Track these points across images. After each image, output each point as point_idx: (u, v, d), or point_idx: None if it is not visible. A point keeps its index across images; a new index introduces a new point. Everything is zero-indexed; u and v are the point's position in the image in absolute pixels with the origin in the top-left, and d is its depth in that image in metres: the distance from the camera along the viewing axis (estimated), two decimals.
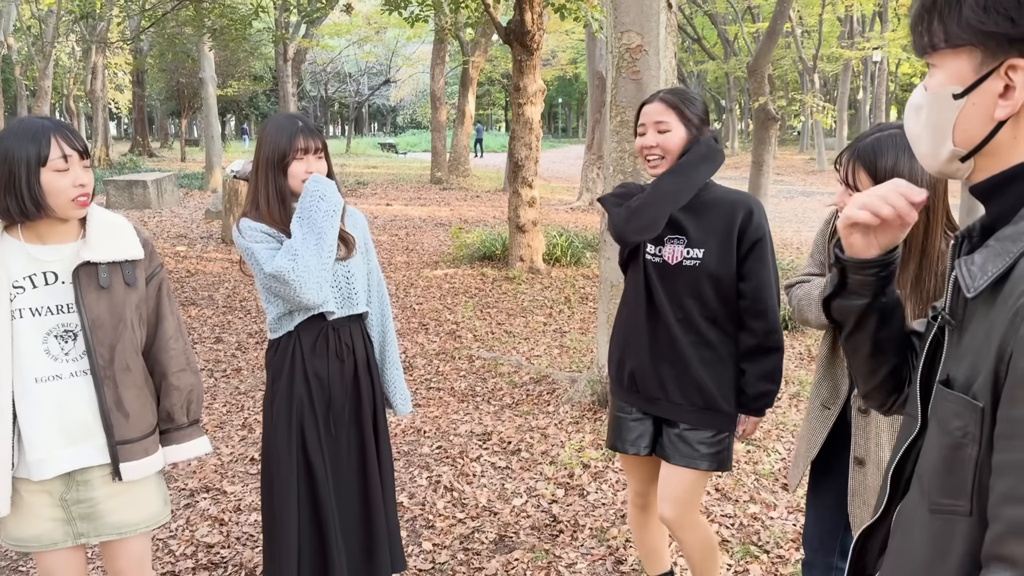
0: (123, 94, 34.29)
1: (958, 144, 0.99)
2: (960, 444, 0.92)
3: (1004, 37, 0.91)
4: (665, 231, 2.27)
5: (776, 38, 10.79)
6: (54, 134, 1.91)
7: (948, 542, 0.95)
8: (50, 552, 2.04)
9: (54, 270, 2.00)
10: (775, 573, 3.02)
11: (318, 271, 2.26)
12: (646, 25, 4.22)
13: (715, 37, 30.91)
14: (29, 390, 1.96)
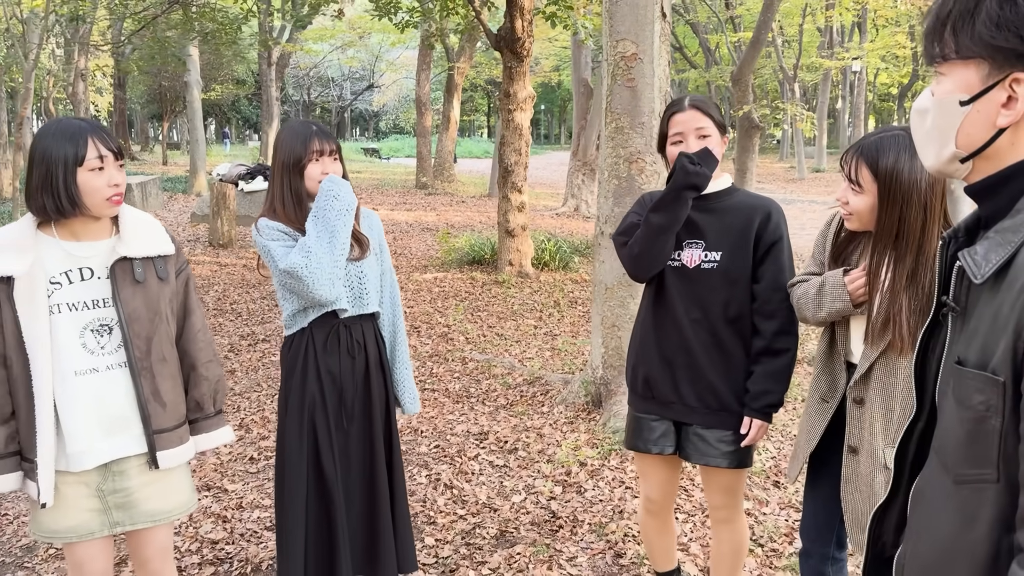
0: (103, 97, 34.02)
1: (960, 147, 1.08)
2: (984, 417, 1.01)
3: (1012, 52, 1.00)
4: (684, 236, 2.35)
5: (760, 47, 10.98)
6: (91, 135, 1.98)
7: (976, 509, 1.03)
8: (84, 543, 2.09)
9: (90, 266, 2.06)
10: (770, 565, 3.11)
11: (330, 268, 2.34)
12: (641, 34, 4.33)
13: (697, 46, 31.20)
14: (68, 383, 2.01)
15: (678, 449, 2.46)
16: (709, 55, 29.38)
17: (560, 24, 8.96)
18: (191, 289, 2.26)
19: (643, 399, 2.50)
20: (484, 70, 33.69)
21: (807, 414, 2.25)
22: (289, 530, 2.52)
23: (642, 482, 2.63)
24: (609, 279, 4.57)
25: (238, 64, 31.82)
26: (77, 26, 13.54)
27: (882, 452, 2.00)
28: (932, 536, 1.12)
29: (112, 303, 2.06)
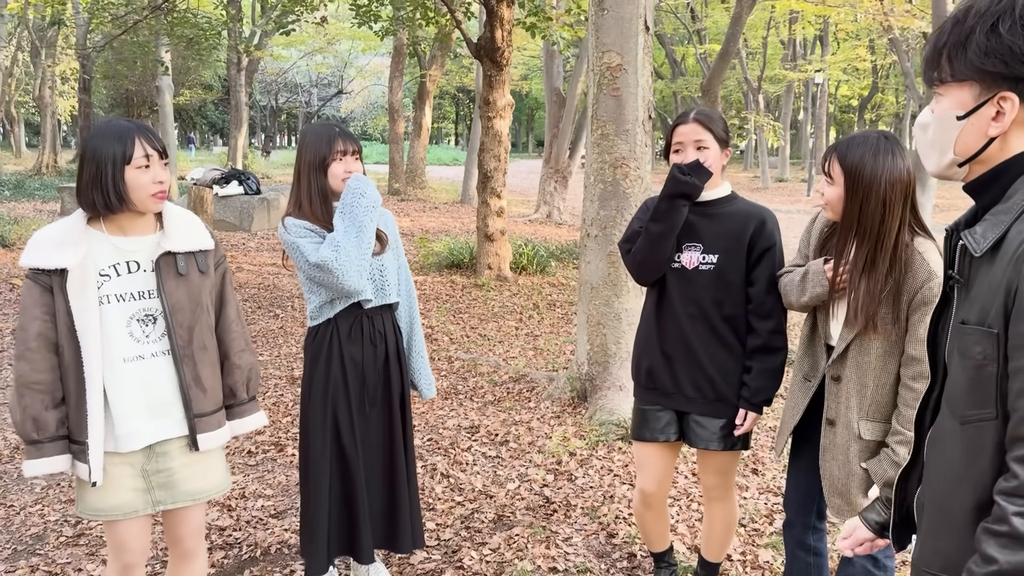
0: (67, 101, 33.60)
1: (958, 154, 1.30)
2: (982, 365, 1.22)
3: (999, 75, 1.21)
4: (683, 239, 2.56)
5: (729, 59, 11.33)
6: (138, 135, 2.11)
7: (980, 443, 1.23)
8: (126, 521, 2.22)
9: (137, 259, 2.19)
10: (752, 544, 3.33)
11: (359, 260, 2.51)
12: (625, 46, 4.56)
13: (663, 57, 31.74)
14: (117, 369, 2.15)
15: (681, 436, 2.66)
16: (675, 66, 29.93)
17: (540, 34, 9.19)
18: (227, 282, 2.39)
19: (646, 390, 2.69)
20: (455, 78, 33.88)
21: (791, 393, 2.46)
22: (313, 507, 2.68)
23: (640, 474, 2.77)
24: (595, 279, 4.78)
25: (205, 69, 31.66)
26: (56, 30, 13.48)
27: (856, 424, 2.23)
28: (944, 471, 1.31)
29: (157, 295, 2.20)
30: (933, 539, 1.34)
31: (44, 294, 2.12)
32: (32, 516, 3.60)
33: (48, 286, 2.12)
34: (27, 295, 2.13)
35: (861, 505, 2.24)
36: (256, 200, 13.37)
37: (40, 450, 2.13)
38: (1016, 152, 1.25)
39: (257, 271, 9.91)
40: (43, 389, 2.12)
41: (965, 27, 1.23)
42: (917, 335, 2.11)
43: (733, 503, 2.78)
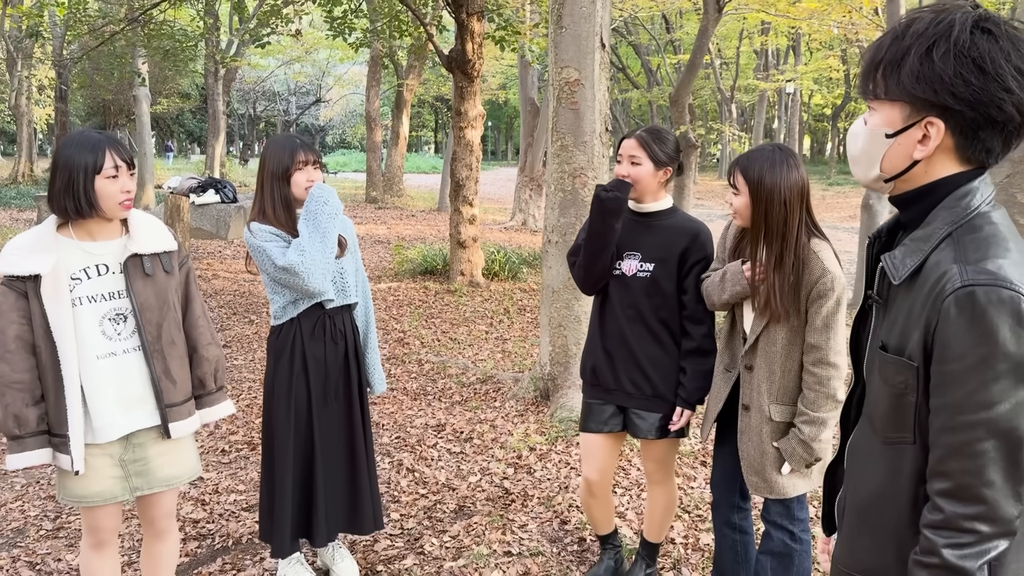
0: (43, 109, 33.45)
1: (883, 171, 1.32)
2: (903, 393, 1.27)
3: (927, 101, 1.22)
4: (625, 248, 2.78)
5: (696, 70, 11.61)
6: (108, 147, 2.26)
7: (900, 463, 1.30)
8: (103, 506, 2.40)
9: (105, 263, 2.34)
10: (695, 528, 3.57)
11: (323, 264, 2.73)
12: (583, 62, 4.81)
13: (639, 67, 32.15)
14: (91, 366, 2.30)
15: (625, 427, 2.88)
16: (651, 76, 30.33)
17: (509, 47, 9.43)
18: (191, 280, 2.55)
19: (591, 386, 2.93)
20: (432, 87, 34.09)
21: (715, 384, 2.70)
22: (278, 494, 2.88)
23: (584, 464, 2.99)
24: (556, 283, 5.01)
25: (183, 78, 31.68)
26: (33, 41, 13.56)
27: (767, 407, 2.47)
28: (867, 485, 1.38)
29: (126, 294, 2.35)
30: (853, 544, 1.42)
31: (20, 299, 2.25)
32: (13, 512, 3.76)
33: (23, 291, 2.25)
34: (3, 301, 2.26)
35: (775, 481, 2.48)
36: (233, 208, 13.50)
37: (22, 444, 2.28)
38: (940, 176, 1.27)
39: (233, 278, 10.06)
40: (23, 388, 2.26)
41: (902, 46, 1.24)
42: (815, 325, 2.36)
43: (672, 488, 3.01)
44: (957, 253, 1.21)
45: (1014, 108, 1.20)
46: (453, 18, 8.78)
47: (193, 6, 13.60)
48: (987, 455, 1.18)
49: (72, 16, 9.72)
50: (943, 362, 1.20)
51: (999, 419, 1.17)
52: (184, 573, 3.20)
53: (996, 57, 1.18)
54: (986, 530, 1.20)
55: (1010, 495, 1.19)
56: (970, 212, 1.25)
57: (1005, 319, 1.15)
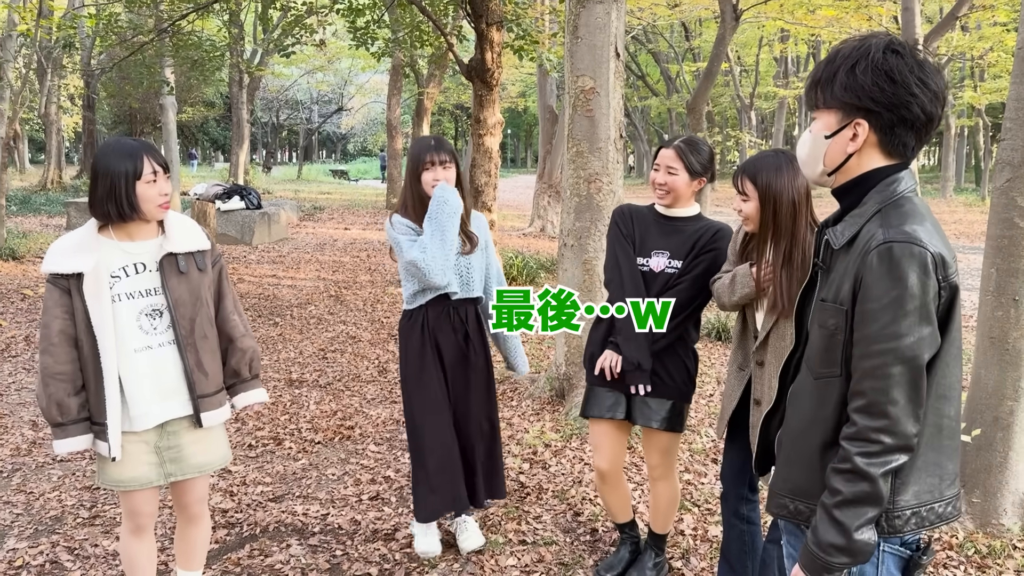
0: (71, 118, 34.08)
1: (826, 165, 1.64)
2: (834, 334, 1.56)
3: (854, 106, 1.55)
4: (654, 246, 2.94)
5: (713, 78, 11.73)
6: (145, 153, 2.41)
7: (828, 395, 1.58)
8: (140, 491, 2.56)
9: (143, 261, 2.49)
10: (705, 521, 3.68)
11: (442, 260, 3.00)
12: (598, 71, 4.95)
13: (658, 74, 32.24)
14: (129, 359, 2.46)
15: (628, 415, 3.00)
16: (670, 83, 30.40)
17: (527, 57, 9.60)
18: (224, 277, 2.70)
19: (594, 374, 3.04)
20: (452, 95, 34.37)
21: (728, 382, 2.82)
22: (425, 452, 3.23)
23: (595, 454, 3.13)
24: (571, 285, 5.14)
25: (208, 87, 32.17)
26: (64, 50, 13.92)
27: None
28: (798, 415, 1.67)
29: (161, 291, 2.49)
30: (786, 469, 1.70)
31: (63, 295, 2.41)
32: (51, 501, 3.94)
33: (66, 288, 2.41)
34: (48, 297, 2.42)
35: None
36: (257, 215, 13.76)
37: (65, 431, 2.44)
38: (870, 168, 1.59)
39: (258, 282, 10.28)
40: (65, 378, 2.42)
41: (834, 66, 1.57)
42: None
43: (675, 481, 3.13)
44: (883, 222, 1.53)
45: (919, 109, 1.52)
46: (473, 28, 8.96)
47: (219, 17, 13.92)
48: (893, 378, 1.47)
49: (103, 27, 10.00)
50: (864, 302, 1.49)
51: (905, 348, 1.46)
52: (214, 559, 3.37)
53: (903, 70, 1.51)
54: (889, 442, 1.47)
55: (911, 415, 1.48)
56: (896, 195, 1.56)
57: (914, 268, 1.45)
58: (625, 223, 3.02)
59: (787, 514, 1.68)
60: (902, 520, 1.55)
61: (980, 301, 3.49)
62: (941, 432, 1.55)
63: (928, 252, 1.46)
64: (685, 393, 2.99)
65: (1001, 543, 3.37)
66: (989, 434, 3.45)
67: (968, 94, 22.85)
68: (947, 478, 1.58)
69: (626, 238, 2.99)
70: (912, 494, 1.54)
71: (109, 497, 3.96)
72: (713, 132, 13.28)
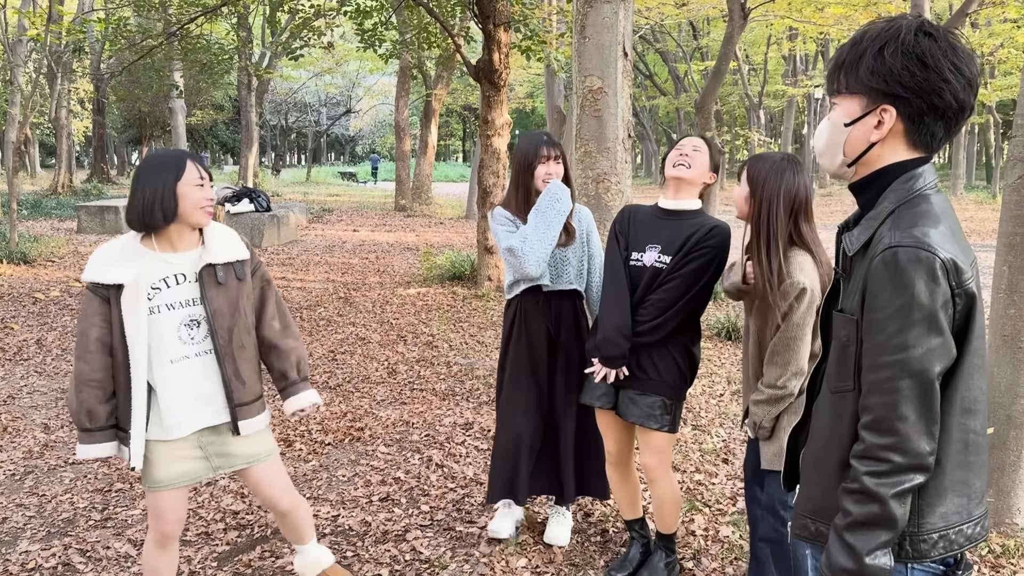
0: (81, 122, 34.30)
1: (846, 155, 1.53)
2: (847, 344, 1.47)
3: (880, 92, 1.44)
4: (647, 240, 2.94)
5: (721, 77, 11.70)
6: (189, 160, 2.47)
7: (843, 409, 1.50)
8: (173, 491, 2.54)
9: (183, 272, 2.50)
10: (716, 521, 3.67)
11: (540, 252, 3.07)
12: (606, 70, 4.94)
13: (666, 74, 32.18)
14: (166, 370, 2.47)
15: (617, 407, 3.03)
16: (678, 82, 30.36)
17: (535, 57, 9.60)
18: (267, 284, 2.71)
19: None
20: (460, 96, 34.42)
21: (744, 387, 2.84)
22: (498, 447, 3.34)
23: (604, 438, 3.19)
24: None
25: (217, 90, 32.32)
26: (74, 55, 13.99)
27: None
28: (819, 431, 1.58)
29: (200, 302, 2.51)
30: (808, 488, 1.60)
31: (102, 304, 2.43)
32: (63, 504, 3.96)
33: (106, 297, 2.43)
34: (87, 305, 2.45)
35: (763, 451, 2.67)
36: (266, 217, 13.81)
37: (91, 437, 2.47)
38: (893, 160, 1.49)
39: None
40: (98, 385, 2.44)
41: (860, 48, 1.46)
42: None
43: (673, 481, 3.11)
44: (894, 223, 1.43)
45: (951, 96, 1.42)
46: (480, 29, 8.97)
47: (228, 20, 13.97)
48: (901, 392, 1.37)
49: (112, 31, 10.06)
50: (871, 311, 1.40)
51: (912, 361, 1.36)
52: (225, 560, 3.37)
53: (936, 54, 1.40)
54: (899, 460, 1.37)
55: (922, 432, 1.38)
56: (913, 193, 1.46)
57: (921, 275, 1.35)
58: (621, 221, 3.04)
59: (809, 536, 1.58)
60: (928, 544, 1.44)
61: (992, 299, 3.47)
62: (967, 448, 1.46)
63: (937, 257, 1.35)
64: (674, 392, 2.96)
65: (1015, 543, 3.35)
66: (1002, 433, 3.43)
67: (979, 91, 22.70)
68: (975, 497, 1.48)
69: (618, 237, 3.02)
70: (939, 516, 1.44)
71: (121, 499, 3.98)
72: (722, 131, 13.24)
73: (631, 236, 2.99)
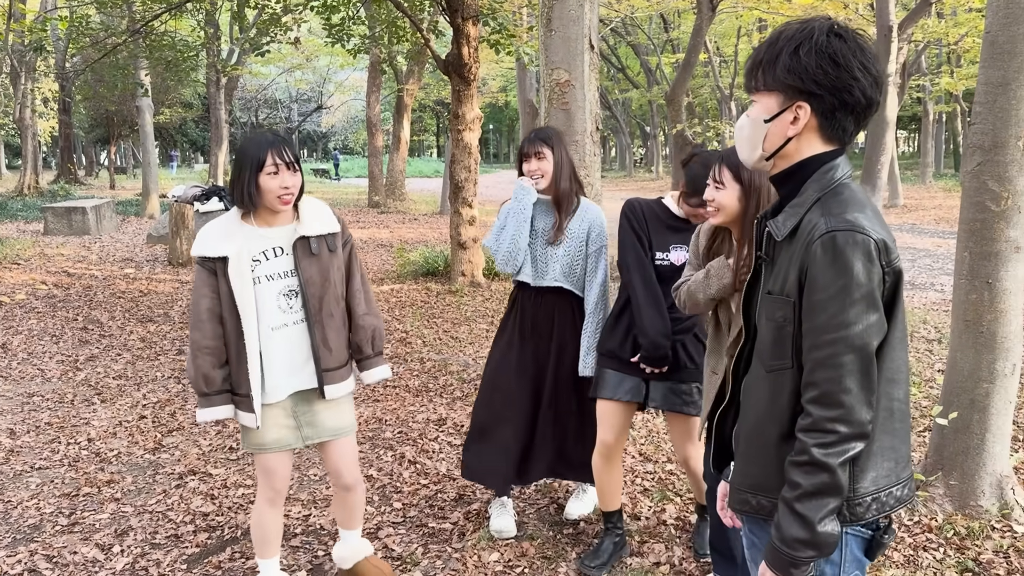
0: (47, 122, 33.72)
1: (765, 150, 1.61)
2: (783, 325, 1.54)
3: (796, 89, 1.52)
4: (673, 241, 3.05)
5: (691, 69, 11.74)
6: (270, 147, 2.59)
7: (781, 387, 1.56)
8: (278, 453, 2.78)
9: (280, 245, 2.70)
10: (687, 510, 3.69)
11: (504, 251, 3.29)
12: (572, 63, 4.94)
13: (638, 67, 32.25)
14: (267, 336, 2.68)
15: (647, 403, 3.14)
16: (650, 75, 30.45)
17: (504, 51, 9.57)
18: (354, 257, 2.88)
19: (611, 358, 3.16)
20: (433, 91, 34.28)
21: (705, 386, 2.84)
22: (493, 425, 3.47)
23: (601, 428, 3.21)
24: None
25: (185, 88, 31.89)
26: (36, 54, 13.75)
27: None
28: (753, 409, 1.64)
29: (295, 273, 2.70)
30: (745, 464, 1.67)
31: (210, 276, 2.64)
32: (29, 509, 3.90)
33: (213, 270, 2.64)
34: (198, 277, 2.66)
35: None
36: None
37: (209, 401, 2.68)
38: (809, 155, 1.57)
39: None
40: (211, 352, 2.65)
41: (777, 48, 1.54)
42: None
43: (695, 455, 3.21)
44: (824, 210, 1.52)
45: (860, 93, 1.52)
46: (449, 23, 8.93)
47: (194, 16, 13.79)
48: (845, 367, 1.46)
49: (75, 29, 9.89)
50: (812, 293, 1.49)
51: (854, 337, 1.46)
52: (195, 562, 3.34)
53: (846, 54, 1.50)
54: (844, 431, 1.46)
55: (864, 402, 1.47)
56: (834, 182, 1.56)
57: (859, 257, 1.45)
58: (638, 219, 3.08)
59: (749, 509, 1.66)
60: (863, 507, 1.54)
61: (954, 285, 3.51)
62: (893, 416, 1.56)
63: (871, 239, 1.46)
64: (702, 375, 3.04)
65: (979, 524, 3.40)
66: (966, 417, 3.48)
67: (945, 80, 22.99)
68: (901, 461, 1.58)
69: (639, 234, 3.06)
70: (871, 480, 1.54)
71: (89, 504, 3.92)
72: (693, 123, 13.32)
73: (652, 236, 3.07)
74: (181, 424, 5.09)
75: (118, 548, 3.48)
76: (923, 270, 10.75)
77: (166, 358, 6.68)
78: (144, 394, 5.73)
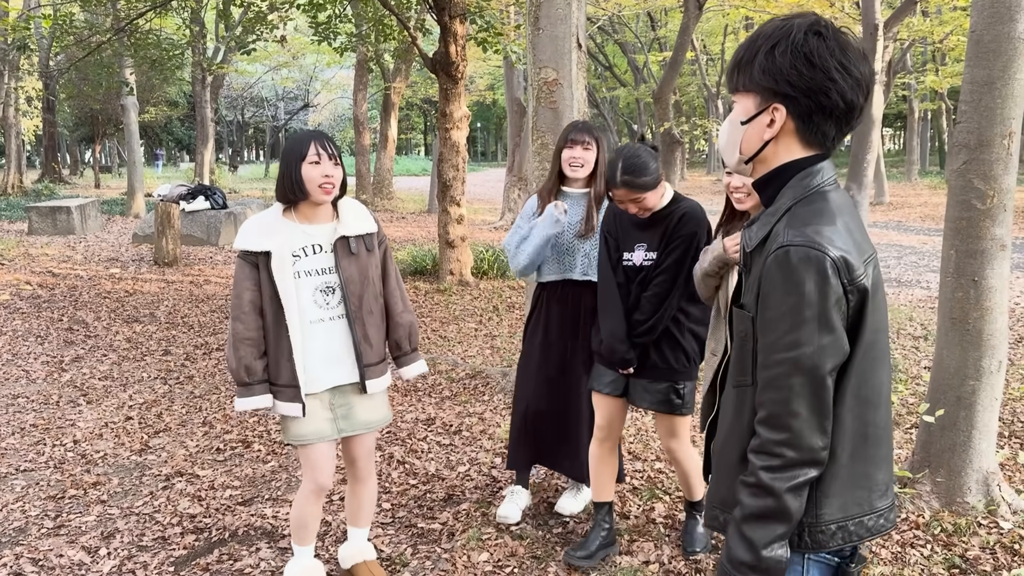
0: (31, 120, 33.42)
1: (743, 153, 1.53)
2: (744, 341, 1.49)
3: (771, 90, 1.44)
4: (635, 240, 3.06)
5: (678, 68, 11.77)
6: (313, 140, 2.69)
7: (744, 403, 1.52)
8: (320, 444, 2.84)
9: (320, 243, 2.77)
10: (676, 508, 3.70)
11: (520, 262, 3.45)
12: (560, 62, 4.93)
13: (626, 65, 32.26)
14: (307, 330, 2.76)
15: (627, 394, 3.17)
16: (637, 73, 30.48)
17: (492, 49, 9.56)
18: (389, 256, 2.97)
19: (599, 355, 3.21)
20: (420, 89, 34.21)
21: (705, 368, 2.86)
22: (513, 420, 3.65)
23: (597, 413, 3.27)
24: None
25: (170, 86, 31.69)
26: (19, 53, 13.62)
27: None
28: (724, 424, 1.61)
29: (335, 270, 2.78)
30: (715, 481, 1.63)
31: (252, 270, 2.72)
32: (14, 512, 3.86)
33: (255, 264, 2.71)
34: (240, 271, 2.74)
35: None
36: (223, 215, 13.59)
37: (250, 390, 2.74)
38: (788, 159, 1.49)
39: (225, 283, 10.16)
40: (253, 343, 2.73)
41: (755, 47, 1.45)
42: None
43: (692, 456, 3.25)
44: (789, 222, 1.43)
45: (839, 96, 1.41)
46: (436, 21, 8.91)
47: (179, 15, 13.70)
48: (793, 389, 1.38)
49: (59, 27, 9.80)
50: (764, 310, 1.42)
51: (804, 359, 1.37)
52: (182, 565, 3.32)
53: (823, 53, 1.40)
54: (792, 455, 1.39)
55: (815, 427, 1.39)
56: (810, 190, 1.46)
57: (811, 274, 1.35)
58: (609, 222, 3.17)
59: (718, 526, 1.60)
60: (826, 535, 1.45)
61: (941, 283, 3.53)
62: (867, 441, 1.46)
63: (827, 256, 1.35)
64: (684, 375, 3.09)
65: (966, 521, 3.42)
66: (952, 414, 3.50)
67: (930, 78, 23.13)
68: (877, 489, 1.49)
69: (608, 238, 3.15)
70: (837, 507, 1.45)
71: (75, 506, 3.89)
72: (680, 121, 13.36)
73: (620, 236, 3.12)
74: (168, 425, 5.06)
75: (104, 551, 3.46)
76: (909, 267, 10.82)
77: (152, 359, 6.64)
78: (130, 395, 5.69)
